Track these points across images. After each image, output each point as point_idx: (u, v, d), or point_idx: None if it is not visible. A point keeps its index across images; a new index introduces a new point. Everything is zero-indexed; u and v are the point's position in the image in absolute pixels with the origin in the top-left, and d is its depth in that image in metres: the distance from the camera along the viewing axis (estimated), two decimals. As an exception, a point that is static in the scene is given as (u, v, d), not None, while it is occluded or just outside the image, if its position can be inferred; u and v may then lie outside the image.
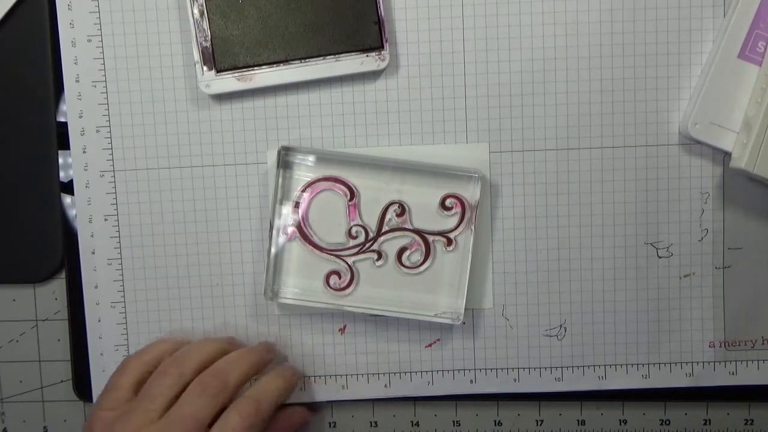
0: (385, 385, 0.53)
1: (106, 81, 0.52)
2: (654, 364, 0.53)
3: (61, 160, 0.54)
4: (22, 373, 0.56)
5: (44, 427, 0.56)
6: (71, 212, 0.54)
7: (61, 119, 0.53)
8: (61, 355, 0.55)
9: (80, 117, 0.52)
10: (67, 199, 0.54)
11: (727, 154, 0.51)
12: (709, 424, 0.56)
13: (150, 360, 0.50)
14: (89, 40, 0.51)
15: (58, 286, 0.55)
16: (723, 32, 0.50)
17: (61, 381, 0.56)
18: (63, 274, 0.55)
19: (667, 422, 0.56)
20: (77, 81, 0.52)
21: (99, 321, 0.53)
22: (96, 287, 0.53)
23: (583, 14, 0.51)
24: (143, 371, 0.49)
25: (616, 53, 0.51)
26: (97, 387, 0.54)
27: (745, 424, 0.55)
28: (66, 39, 0.51)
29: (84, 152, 0.52)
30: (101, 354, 0.53)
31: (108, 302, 0.53)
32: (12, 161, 0.54)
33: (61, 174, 0.54)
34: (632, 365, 0.53)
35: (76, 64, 0.52)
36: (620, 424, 0.55)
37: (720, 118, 0.50)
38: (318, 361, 0.53)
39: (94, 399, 0.54)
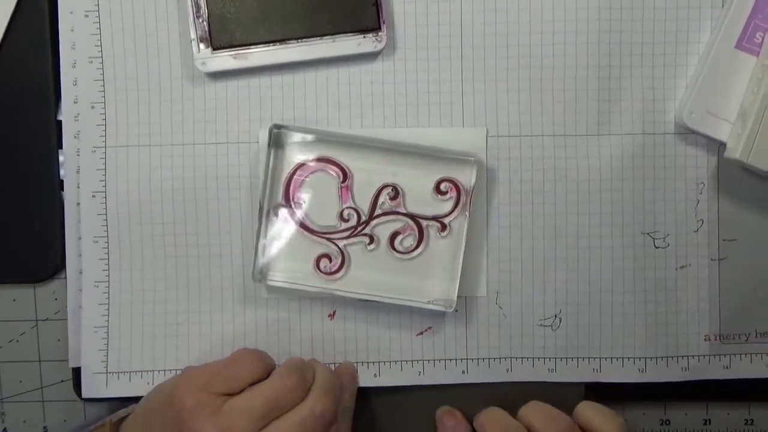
0: (375, 375, 0.52)
1: (102, 57, 0.51)
2: (651, 357, 0.52)
3: (61, 159, 0.53)
4: (22, 373, 0.55)
5: (44, 427, 0.55)
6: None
7: (61, 118, 0.52)
8: (61, 355, 0.54)
9: (75, 102, 0.52)
10: (67, 200, 0.53)
11: (722, 144, 0.51)
12: (709, 424, 0.54)
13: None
14: (86, 16, 0.51)
15: (58, 286, 0.54)
16: (721, 22, 0.50)
17: (61, 381, 0.55)
18: (63, 274, 0.54)
19: (667, 422, 0.54)
20: (74, 67, 0.51)
21: (80, 305, 0.52)
22: (80, 271, 0.52)
23: (582, 1, 0.51)
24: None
25: (614, 41, 0.51)
26: (86, 385, 0.52)
27: (745, 424, 0.54)
28: (65, 21, 0.51)
29: (76, 133, 0.51)
30: (91, 330, 0.52)
31: (92, 281, 0.52)
32: (12, 161, 0.53)
33: (61, 173, 0.53)
34: (628, 358, 0.52)
35: (73, 49, 0.51)
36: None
37: (716, 107, 0.50)
38: (305, 348, 0.52)
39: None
